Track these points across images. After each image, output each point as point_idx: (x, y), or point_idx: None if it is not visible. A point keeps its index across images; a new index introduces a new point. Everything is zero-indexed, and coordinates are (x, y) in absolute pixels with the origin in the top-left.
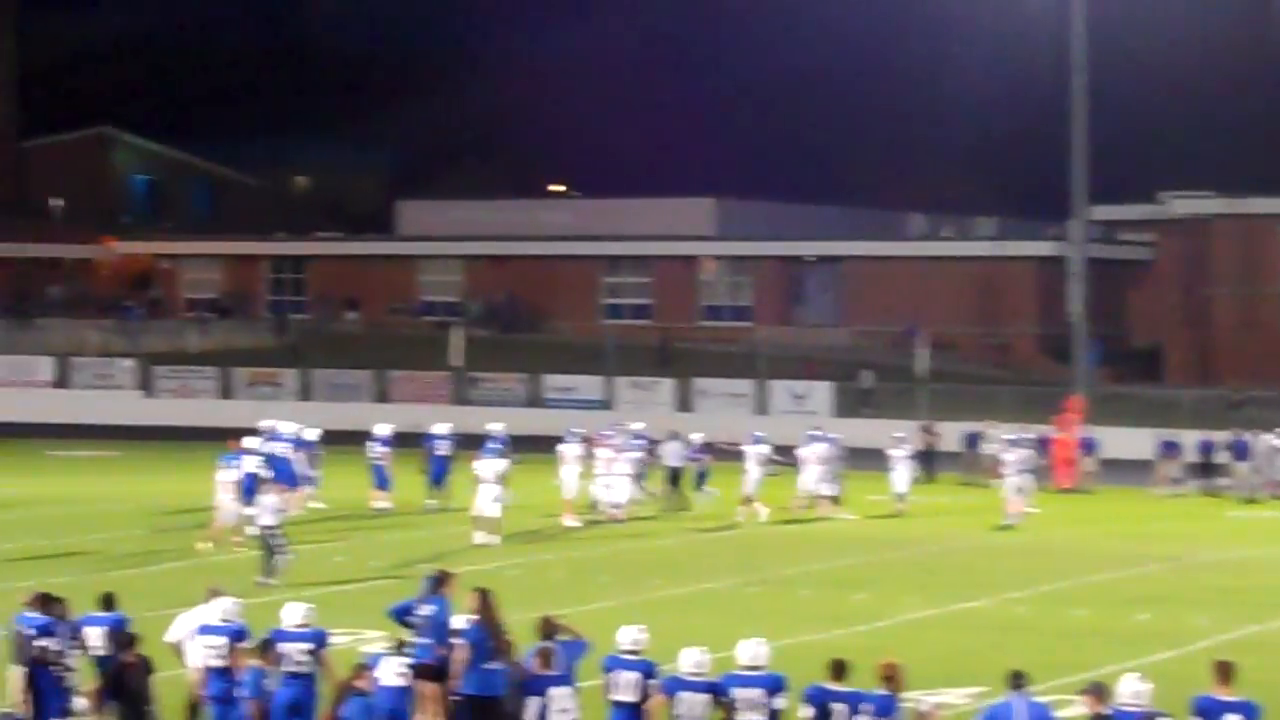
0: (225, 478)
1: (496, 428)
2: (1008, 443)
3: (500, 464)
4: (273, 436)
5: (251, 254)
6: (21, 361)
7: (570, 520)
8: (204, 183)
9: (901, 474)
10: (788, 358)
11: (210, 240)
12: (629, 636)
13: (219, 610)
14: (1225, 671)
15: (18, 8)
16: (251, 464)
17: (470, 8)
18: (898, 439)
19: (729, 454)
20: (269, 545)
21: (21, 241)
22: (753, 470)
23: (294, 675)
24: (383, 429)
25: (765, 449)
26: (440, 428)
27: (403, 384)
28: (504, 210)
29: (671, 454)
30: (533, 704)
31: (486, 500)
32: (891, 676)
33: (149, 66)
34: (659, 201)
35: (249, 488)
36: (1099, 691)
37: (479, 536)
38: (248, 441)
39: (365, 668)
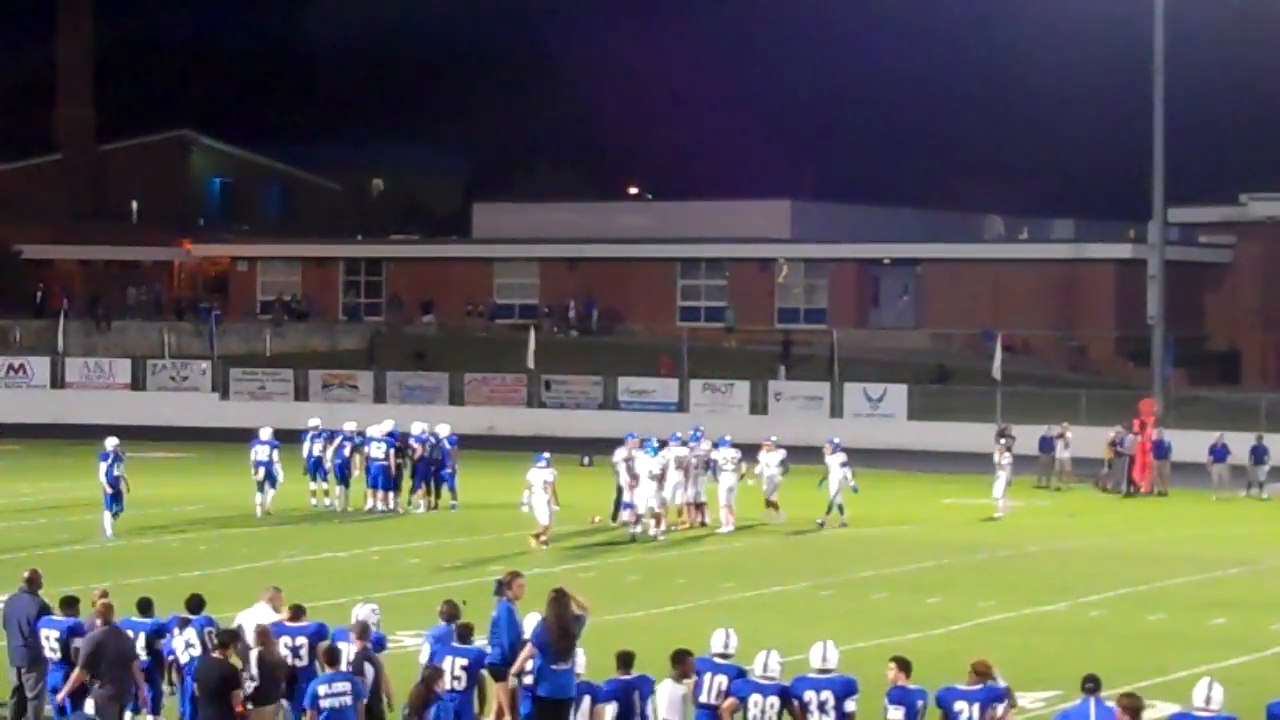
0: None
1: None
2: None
3: (657, 462)
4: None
5: (327, 256)
6: (99, 363)
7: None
8: (280, 186)
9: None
10: (864, 360)
11: (286, 243)
12: (720, 640)
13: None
14: None
15: (94, 12)
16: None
17: (547, 11)
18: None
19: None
20: None
21: (99, 244)
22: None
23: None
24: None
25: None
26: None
27: (477, 386)
28: (580, 213)
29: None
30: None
31: (646, 496)
32: (984, 672)
33: (225, 70)
34: (735, 204)
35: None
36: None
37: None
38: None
39: (439, 671)
